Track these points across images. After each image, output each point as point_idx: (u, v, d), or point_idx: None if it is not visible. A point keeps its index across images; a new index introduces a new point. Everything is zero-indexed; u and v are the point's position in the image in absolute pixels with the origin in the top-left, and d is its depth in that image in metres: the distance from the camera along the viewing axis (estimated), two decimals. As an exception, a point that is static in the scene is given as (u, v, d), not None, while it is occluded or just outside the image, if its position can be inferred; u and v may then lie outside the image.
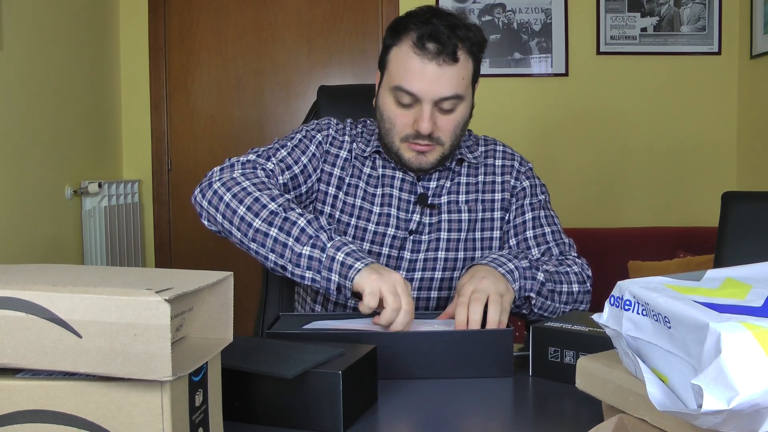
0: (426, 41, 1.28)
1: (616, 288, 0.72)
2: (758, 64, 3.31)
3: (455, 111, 1.33)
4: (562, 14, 3.47)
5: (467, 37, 1.31)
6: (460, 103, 1.33)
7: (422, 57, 1.28)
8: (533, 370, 1.07)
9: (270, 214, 1.22)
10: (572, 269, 1.36)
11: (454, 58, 1.28)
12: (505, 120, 3.45)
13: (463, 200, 1.43)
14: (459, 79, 1.30)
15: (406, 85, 1.29)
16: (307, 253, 1.17)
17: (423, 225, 1.41)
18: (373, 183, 1.42)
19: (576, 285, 1.35)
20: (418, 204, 1.41)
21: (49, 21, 2.75)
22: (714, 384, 0.55)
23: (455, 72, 1.29)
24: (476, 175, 1.46)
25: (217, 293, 0.72)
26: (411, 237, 1.40)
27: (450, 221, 1.41)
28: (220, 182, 1.28)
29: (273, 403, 0.87)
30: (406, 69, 1.30)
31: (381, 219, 1.40)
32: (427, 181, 1.43)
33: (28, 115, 2.59)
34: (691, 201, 3.55)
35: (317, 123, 1.47)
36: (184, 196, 3.55)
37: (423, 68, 1.28)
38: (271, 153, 1.38)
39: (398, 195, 1.41)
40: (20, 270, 0.74)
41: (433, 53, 1.28)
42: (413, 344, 1.06)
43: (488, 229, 1.44)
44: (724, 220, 1.65)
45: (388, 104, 1.34)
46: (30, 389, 0.63)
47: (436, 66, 1.28)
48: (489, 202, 1.44)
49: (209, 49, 3.53)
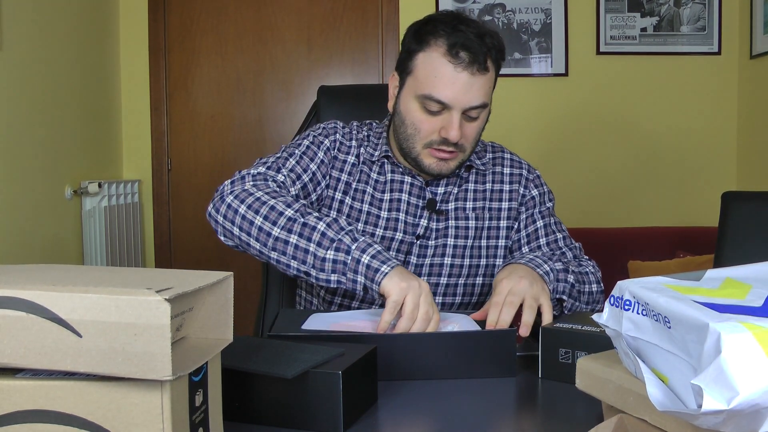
0: (459, 50, 1.27)
1: (616, 288, 0.72)
2: (758, 64, 3.31)
3: (479, 119, 1.34)
4: (562, 14, 3.47)
5: (493, 45, 1.31)
6: (483, 112, 1.34)
7: (455, 66, 1.28)
8: (543, 371, 1.07)
9: (288, 221, 1.20)
10: (589, 270, 1.39)
11: (485, 68, 1.29)
12: (505, 120, 3.45)
13: (470, 207, 1.43)
14: (488, 88, 1.32)
15: (437, 94, 1.29)
16: (331, 257, 1.16)
17: (430, 230, 1.41)
18: (380, 188, 1.42)
19: (594, 285, 1.37)
20: (426, 209, 1.41)
21: (49, 21, 2.75)
22: (714, 384, 0.55)
23: (485, 81, 1.30)
24: (484, 182, 1.46)
25: (217, 293, 0.72)
26: (418, 242, 1.40)
27: (457, 228, 1.41)
28: (232, 195, 1.26)
29: (273, 403, 0.87)
30: (437, 77, 1.29)
31: (389, 224, 1.40)
32: (435, 186, 1.43)
33: (28, 115, 2.59)
34: (691, 201, 3.55)
35: (324, 128, 1.45)
36: (184, 196, 3.55)
37: (455, 77, 1.28)
38: (280, 164, 1.36)
39: (407, 199, 1.41)
40: (20, 270, 0.74)
41: (467, 62, 1.27)
42: (414, 345, 1.05)
43: (494, 238, 1.44)
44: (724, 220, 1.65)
45: (413, 110, 1.33)
46: (30, 389, 0.63)
47: (469, 75, 1.28)
48: (496, 211, 1.45)
49: (209, 49, 3.53)
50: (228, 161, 3.54)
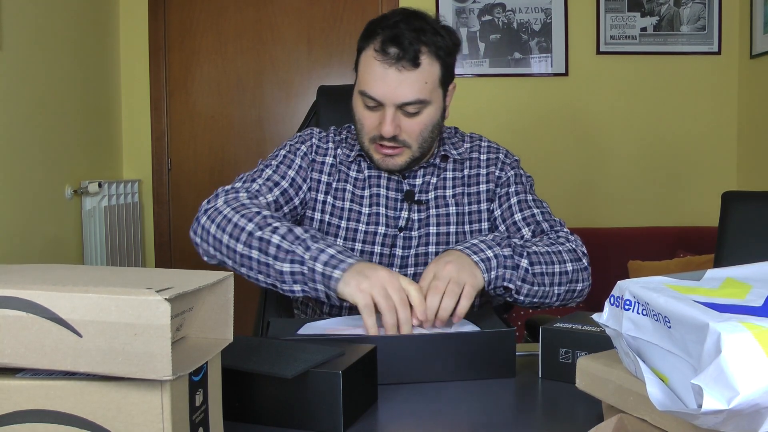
0: (388, 46, 1.29)
1: (616, 288, 0.72)
2: (758, 64, 3.31)
3: (421, 114, 1.33)
4: (562, 14, 3.47)
5: (433, 41, 1.31)
6: (426, 107, 1.33)
7: (383, 62, 1.30)
8: (543, 371, 1.06)
9: (248, 236, 1.22)
10: (564, 247, 1.32)
11: (415, 63, 1.29)
12: (505, 120, 3.45)
13: (450, 194, 1.44)
14: (421, 84, 1.31)
15: (369, 90, 1.32)
16: (288, 269, 1.17)
17: (412, 221, 1.42)
18: (360, 185, 1.44)
19: (570, 264, 1.30)
20: (405, 201, 1.42)
21: (49, 21, 2.75)
22: (714, 384, 0.55)
23: (417, 77, 1.30)
24: (462, 169, 1.47)
25: (217, 293, 0.72)
26: (401, 234, 1.41)
27: (438, 216, 1.42)
28: (206, 216, 1.30)
29: (273, 403, 0.87)
30: (368, 73, 1.32)
31: (371, 218, 1.41)
32: (413, 178, 1.44)
33: (28, 115, 2.59)
34: (691, 201, 3.55)
35: (300, 135, 1.49)
36: (184, 196, 3.55)
37: (384, 73, 1.30)
38: (256, 176, 1.40)
39: (385, 194, 1.43)
40: (20, 270, 0.74)
41: (394, 58, 1.29)
42: (412, 347, 1.04)
43: (476, 222, 1.44)
44: (724, 220, 1.65)
45: (358, 106, 1.37)
46: (30, 389, 0.63)
47: (397, 71, 1.29)
48: (475, 195, 1.45)
49: (209, 49, 3.53)
50: (228, 161, 3.54)
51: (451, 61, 1.37)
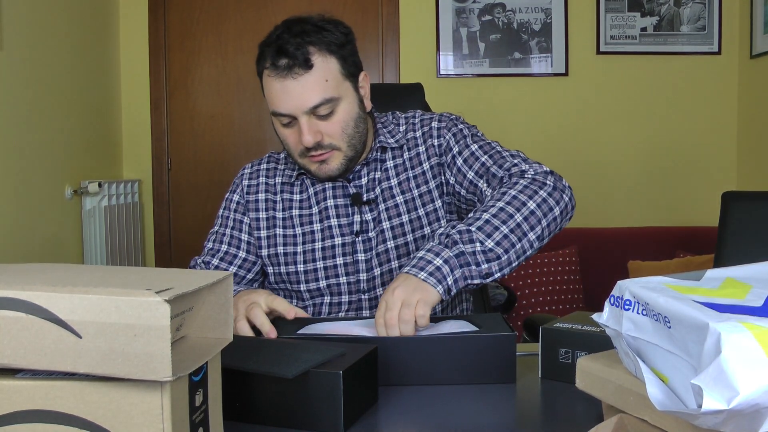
0: (277, 59, 1.29)
1: (616, 288, 0.72)
2: (758, 63, 3.31)
3: (336, 113, 1.32)
4: (562, 14, 3.47)
5: (320, 39, 1.31)
6: (338, 104, 1.32)
7: (278, 76, 1.29)
8: (543, 372, 1.06)
9: None
10: (519, 186, 1.25)
11: (307, 66, 1.29)
12: (505, 120, 3.45)
13: (395, 184, 1.42)
14: (322, 84, 1.30)
15: (277, 108, 1.32)
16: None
17: (366, 223, 1.41)
18: (306, 204, 1.43)
19: (532, 201, 1.22)
20: (353, 204, 1.41)
21: (49, 21, 2.75)
22: (714, 384, 0.55)
23: (315, 78, 1.29)
24: (401, 155, 1.44)
25: (217, 293, 0.72)
26: (359, 238, 1.40)
27: (388, 209, 1.41)
28: None
29: (273, 403, 0.87)
30: (271, 92, 1.32)
31: (324, 233, 1.41)
32: (358, 179, 1.43)
33: (28, 115, 2.59)
34: (691, 201, 3.55)
35: (232, 184, 1.51)
36: (184, 196, 3.55)
37: (282, 87, 1.29)
38: (215, 250, 1.46)
39: (334, 203, 1.42)
40: (20, 270, 0.74)
41: (286, 68, 1.29)
42: (413, 350, 1.04)
43: (429, 202, 1.41)
44: (724, 220, 1.65)
45: (277, 127, 1.37)
46: (30, 389, 0.63)
47: (293, 80, 1.29)
48: (421, 175, 1.42)
49: (209, 49, 3.53)
50: (228, 161, 3.54)
51: (348, 52, 1.35)
